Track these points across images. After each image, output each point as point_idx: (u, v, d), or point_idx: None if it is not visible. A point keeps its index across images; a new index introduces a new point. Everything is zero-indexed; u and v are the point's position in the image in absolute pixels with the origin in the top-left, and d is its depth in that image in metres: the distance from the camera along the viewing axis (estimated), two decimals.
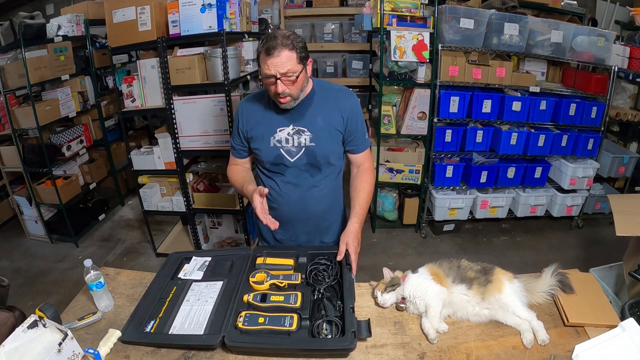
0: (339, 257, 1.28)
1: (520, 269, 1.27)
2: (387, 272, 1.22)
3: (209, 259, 1.39)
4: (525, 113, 2.88)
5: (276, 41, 1.19)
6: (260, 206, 1.31)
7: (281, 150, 1.37)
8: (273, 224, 1.32)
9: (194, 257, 1.40)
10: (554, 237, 3.20)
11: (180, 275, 1.32)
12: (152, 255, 3.10)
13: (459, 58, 2.73)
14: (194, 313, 1.14)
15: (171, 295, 1.22)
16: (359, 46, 3.95)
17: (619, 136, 3.55)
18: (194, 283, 1.27)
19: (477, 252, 3.03)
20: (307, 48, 1.27)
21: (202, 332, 1.07)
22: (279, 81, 1.21)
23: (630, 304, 1.24)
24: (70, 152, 3.24)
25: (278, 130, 1.37)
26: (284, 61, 1.19)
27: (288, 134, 1.36)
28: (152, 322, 1.12)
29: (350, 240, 1.31)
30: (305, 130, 1.36)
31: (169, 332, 1.08)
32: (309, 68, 1.31)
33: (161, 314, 1.14)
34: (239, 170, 1.53)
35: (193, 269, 1.34)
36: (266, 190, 1.32)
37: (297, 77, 1.23)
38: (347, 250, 1.29)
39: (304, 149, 1.36)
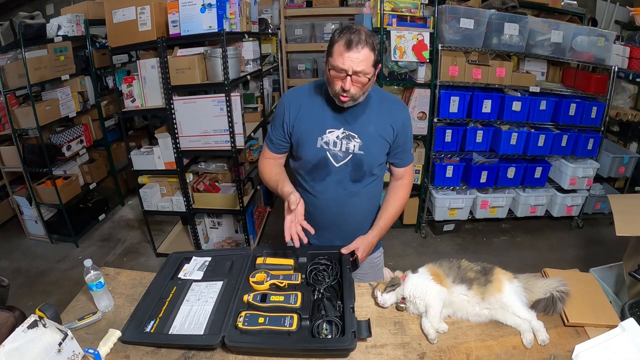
0: (344, 250, 1.29)
1: (520, 269, 1.26)
2: (387, 272, 1.22)
3: (209, 259, 1.39)
4: (525, 113, 2.88)
5: (360, 36, 1.12)
6: (289, 222, 1.21)
7: (327, 153, 1.30)
8: (296, 242, 1.21)
9: (194, 257, 1.40)
10: (554, 237, 3.20)
11: (180, 275, 1.32)
12: (152, 255, 3.10)
13: (459, 58, 2.73)
14: (194, 313, 1.14)
15: (171, 295, 1.22)
16: None
17: (619, 136, 3.56)
18: (194, 283, 1.27)
19: (477, 252, 3.03)
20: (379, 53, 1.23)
21: (202, 332, 1.06)
22: (348, 77, 1.15)
23: (630, 304, 1.24)
24: (70, 152, 3.23)
25: (327, 131, 1.29)
26: (361, 59, 1.13)
27: (337, 137, 1.29)
28: (152, 322, 1.11)
29: (362, 248, 1.32)
30: (356, 136, 1.29)
31: (169, 332, 1.08)
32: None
33: (161, 314, 1.14)
34: (272, 165, 1.43)
35: (193, 269, 1.34)
36: (302, 206, 1.23)
37: (368, 79, 1.18)
38: (353, 252, 1.31)
39: (351, 155, 1.30)
